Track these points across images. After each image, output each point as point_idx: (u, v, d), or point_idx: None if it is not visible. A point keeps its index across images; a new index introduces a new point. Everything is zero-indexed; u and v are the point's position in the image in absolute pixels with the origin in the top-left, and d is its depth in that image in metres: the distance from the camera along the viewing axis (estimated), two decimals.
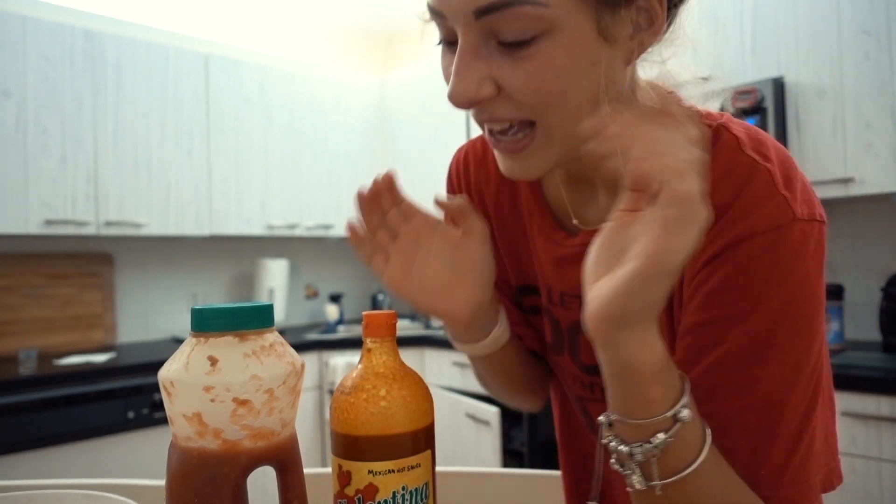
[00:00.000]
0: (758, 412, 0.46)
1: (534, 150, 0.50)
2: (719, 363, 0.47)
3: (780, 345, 0.46)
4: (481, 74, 0.47)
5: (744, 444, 0.46)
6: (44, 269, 2.58)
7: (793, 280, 0.47)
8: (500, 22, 0.45)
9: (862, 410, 1.62)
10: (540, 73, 0.46)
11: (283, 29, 3.43)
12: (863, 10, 1.87)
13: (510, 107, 0.48)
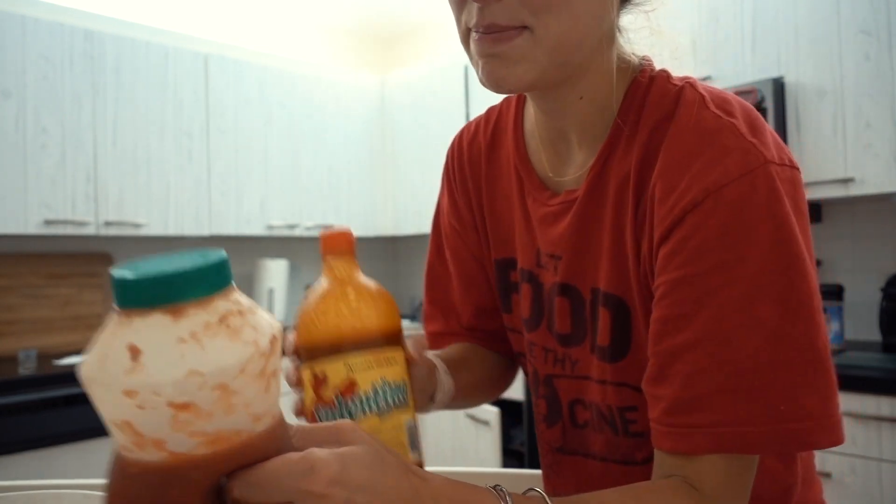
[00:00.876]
0: (766, 352, 0.45)
1: (520, 46, 0.49)
2: (720, 309, 0.46)
3: (773, 283, 0.46)
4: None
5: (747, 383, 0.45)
6: (43, 269, 2.58)
7: (774, 221, 0.46)
8: None
9: (862, 410, 1.62)
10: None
11: (282, 29, 3.42)
12: (863, 10, 1.87)
13: (512, 9, 0.48)
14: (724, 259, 0.46)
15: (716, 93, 0.54)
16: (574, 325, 0.61)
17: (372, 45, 3.83)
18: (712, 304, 0.46)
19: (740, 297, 0.46)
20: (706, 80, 2.20)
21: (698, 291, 0.47)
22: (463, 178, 0.73)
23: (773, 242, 0.46)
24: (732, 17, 2.14)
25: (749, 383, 0.45)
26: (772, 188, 0.47)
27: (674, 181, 0.49)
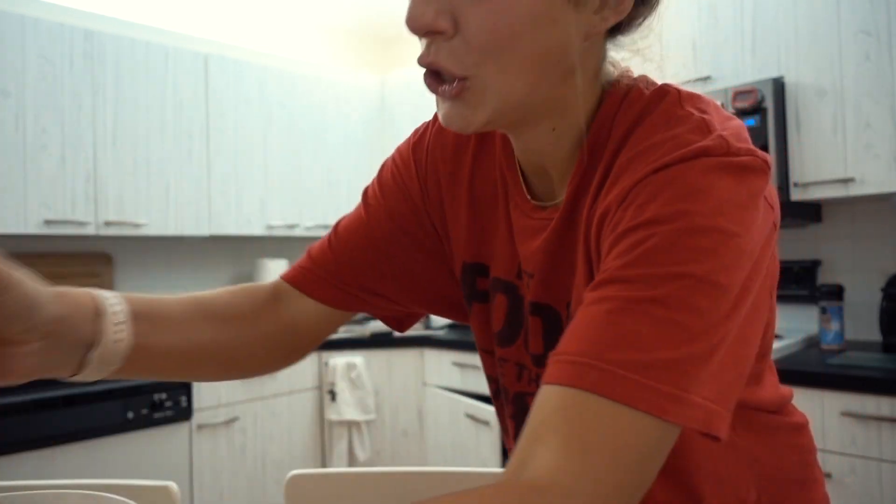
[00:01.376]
0: (672, 306, 0.40)
1: (469, 98, 0.48)
2: (640, 256, 0.41)
3: (705, 246, 0.41)
4: (442, 4, 0.45)
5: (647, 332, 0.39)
6: (43, 269, 2.55)
7: (725, 197, 0.42)
8: None
9: (862, 410, 1.62)
10: (497, 14, 0.44)
11: (282, 29, 3.42)
12: (863, 10, 1.87)
13: (456, 55, 0.46)
14: (654, 216, 0.42)
15: (695, 95, 0.51)
16: (546, 346, 0.58)
17: (372, 45, 3.83)
18: (633, 253, 0.42)
19: (659, 247, 0.41)
20: (706, 80, 2.21)
21: (625, 244, 0.43)
22: (434, 168, 0.67)
23: (710, 212, 0.42)
24: (732, 17, 2.14)
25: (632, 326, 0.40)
26: (728, 172, 0.43)
27: (629, 167, 0.46)
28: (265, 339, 0.65)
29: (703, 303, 0.40)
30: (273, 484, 2.63)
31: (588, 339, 0.40)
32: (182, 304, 0.59)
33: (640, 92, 0.52)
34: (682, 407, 0.38)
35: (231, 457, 2.51)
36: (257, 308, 0.65)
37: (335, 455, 2.80)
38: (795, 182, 2.01)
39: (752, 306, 0.43)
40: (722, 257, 0.41)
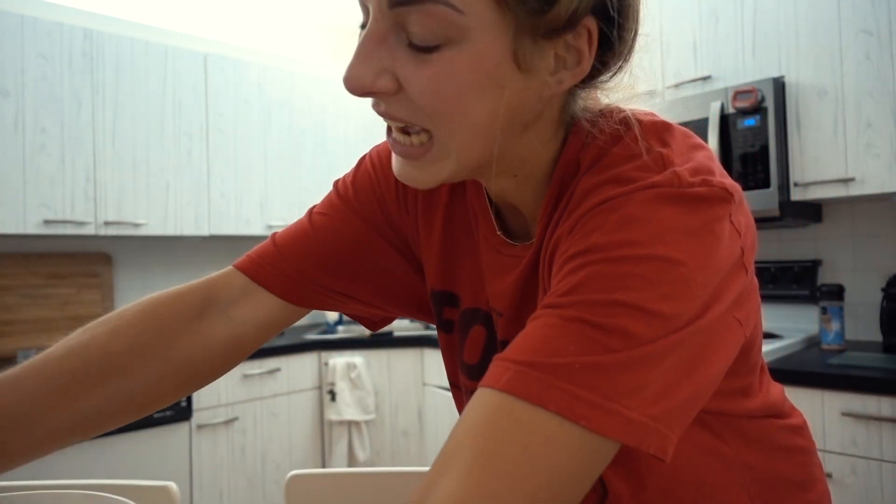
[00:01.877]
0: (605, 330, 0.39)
1: (429, 159, 0.47)
2: (581, 282, 0.41)
3: (645, 275, 0.40)
4: (382, 65, 0.44)
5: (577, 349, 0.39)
6: (42, 269, 2.57)
7: (670, 226, 0.41)
8: (412, 17, 0.42)
9: (862, 410, 1.62)
10: (440, 80, 0.43)
11: (282, 29, 3.42)
12: (863, 10, 1.87)
13: (407, 108, 0.45)
14: (597, 243, 0.42)
15: (658, 124, 0.50)
16: None
17: None
18: (574, 278, 0.41)
19: (600, 274, 0.41)
20: (706, 80, 2.21)
21: (568, 268, 0.43)
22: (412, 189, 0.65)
23: (651, 240, 0.41)
24: (732, 17, 2.14)
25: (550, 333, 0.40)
26: (680, 203, 0.42)
27: (581, 204, 0.45)
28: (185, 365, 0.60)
29: (637, 328, 0.39)
30: (273, 484, 2.63)
31: (516, 347, 0.40)
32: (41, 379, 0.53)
33: (601, 130, 0.50)
34: (606, 416, 0.37)
35: (231, 457, 2.51)
36: (168, 335, 0.59)
37: (335, 455, 2.80)
38: (795, 182, 2.01)
39: (711, 333, 0.41)
40: (661, 286, 0.40)
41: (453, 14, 0.41)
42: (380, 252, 0.66)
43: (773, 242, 2.37)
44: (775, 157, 1.97)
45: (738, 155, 2.04)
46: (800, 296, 2.24)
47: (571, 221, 0.45)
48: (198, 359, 0.61)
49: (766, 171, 1.98)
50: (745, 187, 2.02)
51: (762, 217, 2.01)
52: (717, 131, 2.04)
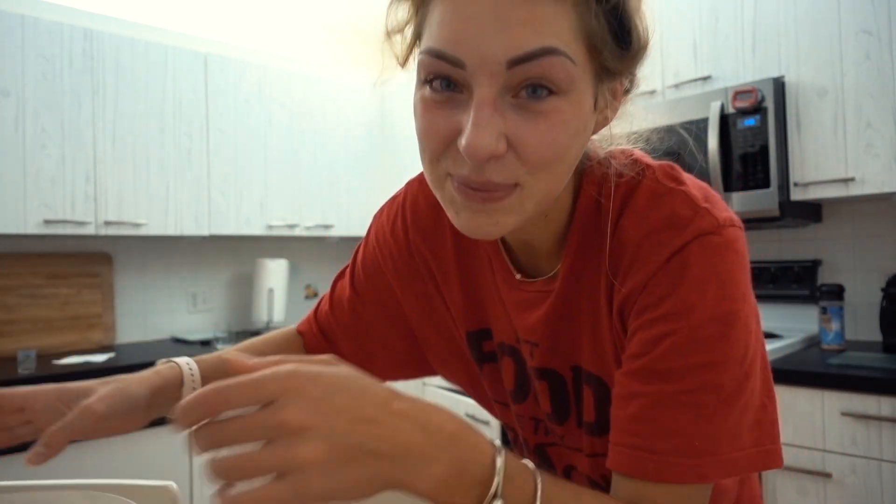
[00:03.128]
0: (696, 393, 0.49)
1: (509, 205, 0.48)
2: (664, 352, 0.50)
3: (711, 334, 0.49)
4: (499, 129, 0.45)
5: (681, 420, 0.49)
6: (43, 269, 2.57)
7: (725, 284, 0.50)
8: (530, 72, 0.44)
9: (862, 410, 1.62)
10: (555, 130, 0.46)
11: (282, 29, 3.42)
12: (863, 10, 1.87)
13: (509, 168, 0.46)
14: (674, 309, 0.50)
15: (666, 167, 0.57)
16: (555, 405, 0.63)
17: (372, 44, 3.83)
18: (659, 348, 0.50)
19: (683, 342, 0.49)
20: (706, 80, 2.21)
21: (651, 334, 0.51)
22: (421, 234, 0.71)
23: (718, 296, 0.50)
24: (732, 17, 2.14)
25: (671, 416, 0.49)
26: (719, 249, 0.50)
27: (641, 256, 0.52)
28: None
29: (722, 380, 0.49)
30: None
31: (637, 433, 0.50)
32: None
33: (618, 172, 0.57)
34: (719, 467, 0.49)
35: None
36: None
37: None
38: (795, 182, 2.01)
39: (760, 343, 0.53)
40: (728, 337, 0.49)
41: (568, 64, 0.44)
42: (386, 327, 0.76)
43: (773, 242, 2.37)
44: (775, 157, 1.97)
45: (738, 155, 2.03)
46: (800, 296, 2.24)
47: (642, 278, 0.52)
48: None
49: (766, 171, 1.98)
50: (745, 187, 2.02)
51: (762, 217, 2.01)
52: (717, 131, 2.04)
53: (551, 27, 0.43)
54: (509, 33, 0.43)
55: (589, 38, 0.45)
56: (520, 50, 0.43)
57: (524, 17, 0.43)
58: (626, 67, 0.49)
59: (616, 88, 0.52)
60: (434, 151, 0.48)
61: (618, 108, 0.53)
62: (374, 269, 0.76)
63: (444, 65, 0.45)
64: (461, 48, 0.44)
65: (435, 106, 0.47)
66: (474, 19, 0.43)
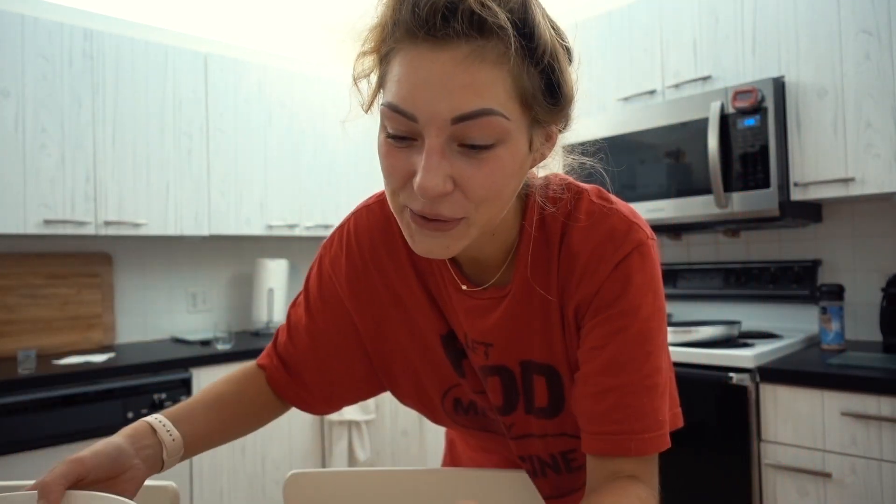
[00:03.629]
0: (652, 376, 0.63)
1: (457, 233, 0.57)
2: (622, 344, 0.63)
3: (653, 327, 0.64)
4: (445, 172, 0.53)
5: (647, 402, 0.63)
6: (42, 269, 2.57)
7: (654, 282, 0.65)
8: (471, 128, 0.52)
9: (862, 410, 1.62)
10: (495, 174, 0.55)
11: (282, 28, 3.42)
12: (863, 10, 1.87)
13: (457, 204, 0.55)
14: (625, 308, 0.63)
15: (595, 189, 0.69)
16: (505, 398, 0.74)
17: None
18: (616, 340, 0.63)
19: (636, 336, 0.63)
20: (706, 80, 2.21)
21: (608, 329, 0.63)
22: (376, 260, 0.77)
23: (653, 296, 0.64)
24: (732, 17, 2.14)
25: (639, 403, 0.62)
26: (650, 257, 0.64)
27: (591, 266, 0.64)
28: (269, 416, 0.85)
29: (661, 362, 0.65)
30: (273, 484, 2.63)
31: (617, 420, 0.62)
32: (205, 407, 0.76)
33: (556, 193, 0.68)
34: (667, 432, 0.65)
35: (231, 457, 2.51)
36: (257, 406, 0.83)
37: (335, 455, 2.80)
38: (795, 182, 2.01)
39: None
40: (661, 328, 0.65)
41: (503, 121, 0.53)
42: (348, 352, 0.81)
43: (773, 242, 2.37)
44: (775, 157, 1.97)
45: (738, 155, 2.03)
46: (800, 296, 2.24)
47: (595, 284, 0.64)
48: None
49: (766, 171, 1.98)
50: (745, 187, 2.02)
51: (762, 217, 2.01)
52: (717, 131, 2.04)
53: (489, 91, 0.52)
54: (454, 96, 0.51)
55: (522, 96, 0.54)
56: (462, 110, 0.51)
57: (466, 82, 0.51)
58: (555, 118, 0.59)
59: (551, 131, 0.61)
60: (395, 187, 0.57)
61: (553, 146, 0.62)
62: (330, 294, 0.80)
63: (401, 118, 0.54)
64: (414, 105, 0.52)
65: (396, 150, 0.56)
66: (426, 83, 0.52)
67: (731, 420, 1.81)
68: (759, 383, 1.80)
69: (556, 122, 0.60)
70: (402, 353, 0.79)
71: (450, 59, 0.51)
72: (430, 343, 0.77)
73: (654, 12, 2.33)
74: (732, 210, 2.05)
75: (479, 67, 0.51)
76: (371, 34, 0.59)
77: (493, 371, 0.73)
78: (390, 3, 0.56)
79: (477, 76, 0.51)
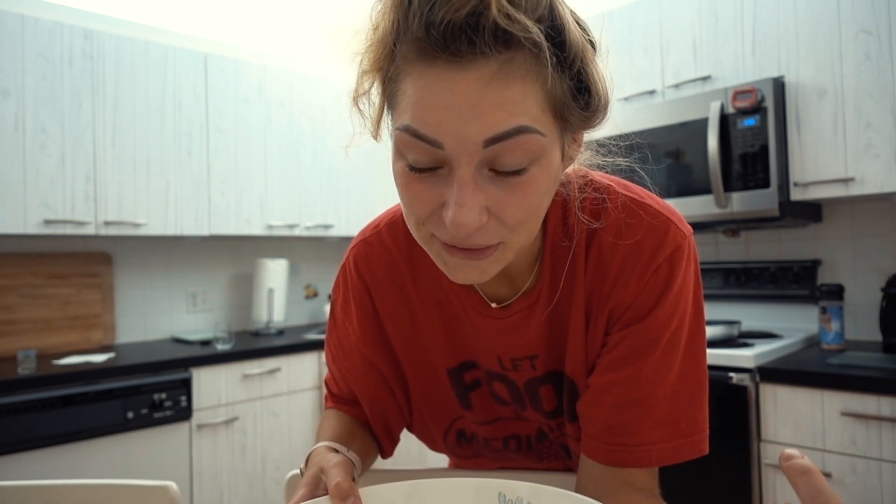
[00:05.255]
0: (674, 388, 0.61)
1: (494, 258, 0.53)
2: (645, 364, 0.60)
3: (685, 336, 0.61)
4: (481, 204, 0.49)
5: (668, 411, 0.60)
6: (43, 269, 2.57)
7: (695, 287, 0.62)
8: (504, 151, 0.47)
9: (862, 410, 1.62)
10: (530, 196, 0.50)
11: (282, 28, 3.42)
12: (863, 10, 1.87)
13: (493, 232, 0.51)
14: (658, 319, 0.60)
15: (618, 182, 0.65)
16: (565, 404, 0.71)
17: None
18: (646, 354, 0.60)
19: (666, 346, 0.60)
20: (706, 80, 2.21)
21: (638, 342, 0.60)
22: (381, 296, 0.73)
23: (691, 300, 0.61)
24: (732, 17, 2.14)
25: (661, 412, 0.60)
26: (689, 258, 0.61)
27: (626, 270, 0.61)
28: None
29: (700, 372, 0.62)
30: (273, 484, 2.63)
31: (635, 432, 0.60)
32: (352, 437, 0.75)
33: (578, 189, 0.64)
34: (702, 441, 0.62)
35: (231, 457, 2.51)
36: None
37: None
38: (795, 182, 2.01)
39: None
40: (699, 334, 0.63)
41: (538, 138, 0.48)
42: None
43: (773, 242, 2.37)
44: (775, 157, 1.97)
45: (738, 155, 2.04)
46: (800, 296, 2.24)
47: (631, 291, 0.61)
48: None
49: (765, 171, 1.98)
50: (745, 187, 2.02)
51: (762, 217, 2.01)
52: (717, 131, 2.04)
53: (521, 107, 0.46)
54: (484, 118, 0.46)
55: (555, 107, 0.49)
56: (494, 130, 0.46)
57: (496, 101, 0.46)
58: (589, 123, 0.54)
59: (578, 135, 0.56)
60: (419, 217, 0.52)
61: (580, 146, 0.58)
62: (347, 342, 0.77)
63: (424, 145, 0.48)
64: (439, 131, 0.47)
65: (418, 181, 0.51)
66: (452, 106, 0.46)
67: (731, 420, 1.82)
68: (759, 383, 1.80)
69: (590, 126, 0.55)
70: (412, 388, 0.77)
71: (475, 78, 0.45)
72: (436, 377, 0.74)
73: (654, 12, 2.33)
74: (732, 210, 2.05)
75: (509, 84, 0.46)
76: (370, 51, 0.53)
77: (544, 381, 0.70)
78: (390, 16, 0.50)
79: (507, 93, 0.46)
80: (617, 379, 0.61)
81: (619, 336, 0.61)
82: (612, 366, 0.61)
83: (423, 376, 0.75)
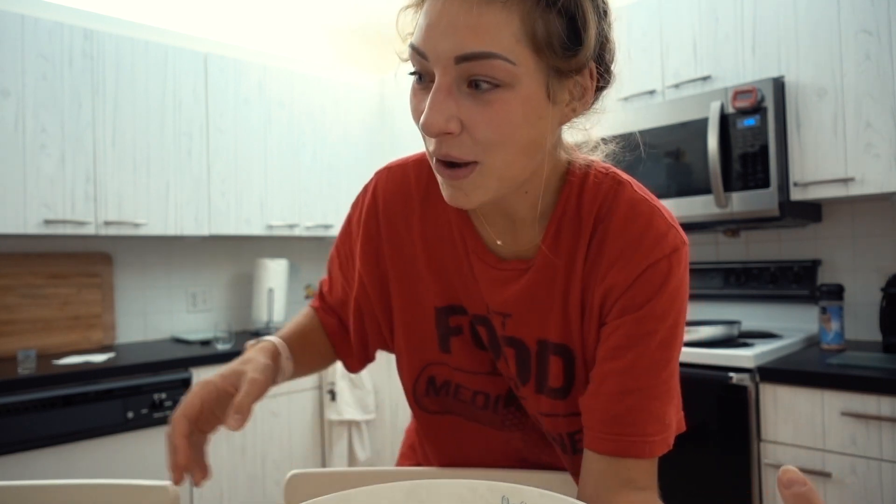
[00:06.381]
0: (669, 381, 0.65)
1: (473, 181, 0.58)
2: (647, 348, 0.63)
3: (676, 334, 0.64)
4: (451, 112, 0.55)
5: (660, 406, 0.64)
6: (43, 269, 2.57)
7: (684, 287, 0.65)
8: (475, 69, 0.53)
9: (862, 410, 1.62)
10: (500, 117, 0.55)
11: (282, 28, 3.42)
12: (863, 10, 1.87)
13: (466, 146, 0.56)
14: (654, 312, 0.63)
15: (634, 181, 0.68)
16: (519, 369, 0.73)
17: (371, 45, 3.83)
18: (643, 344, 0.63)
19: (660, 342, 0.63)
20: (706, 80, 2.21)
21: (635, 331, 0.63)
22: (388, 223, 0.78)
23: (681, 302, 0.64)
24: (732, 17, 2.14)
25: (656, 406, 0.63)
26: (684, 264, 0.65)
27: (626, 255, 0.64)
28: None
29: (675, 367, 0.66)
30: (273, 484, 2.63)
31: (632, 422, 0.63)
32: (300, 345, 0.84)
33: (597, 172, 0.68)
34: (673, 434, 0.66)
35: (231, 457, 2.51)
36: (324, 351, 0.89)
37: (335, 455, 2.80)
38: (795, 182, 2.01)
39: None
40: (680, 334, 0.66)
41: (507, 65, 0.53)
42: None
43: (773, 242, 2.37)
44: (775, 157, 1.97)
45: (738, 155, 2.03)
46: (800, 296, 2.24)
47: (626, 278, 0.63)
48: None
49: (765, 171, 1.98)
50: (745, 187, 2.02)
51: (762, 217, 2.01)
52: (717, 131, 2.04)
53: (492, 34, 0.53)
54: (457, 36, 0.53)
55: (534, 40, 0.54)
56: (463, 50, 0.53)
57: (471, 24, 0.53)
58: (575, 66, 0.57)
59: (585, 84, 0.60)
60: (419, 126, 0.58)
61: (589, 102, 0.61)
62: (350, 253, 0.83)
63: (416, 56, 0.57)
64: (425, 45, 0.55)
65: (419, 90, 0.59)
66: (437, 24, 0.54)
67: (731, 420, 1.82)
68: (759, 383, 1.80)
69: (579, 71, 0.58)
70: (397, 321, 0.80)
71: (462, 2, 0.53)
72: (423, 314, 0.77)
73: (654, 12, 2.33)
74: (732, 210, 2.05)
75: (485, 10, 0.52)
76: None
77: (508, 342, 0.73)
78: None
79: (483, 18, 0.52)
80: (614, 368, 0.63)
81: (615, 325, 0.64)
82: (608, 355, 0.64)
83: (410, 310, 0.78)
